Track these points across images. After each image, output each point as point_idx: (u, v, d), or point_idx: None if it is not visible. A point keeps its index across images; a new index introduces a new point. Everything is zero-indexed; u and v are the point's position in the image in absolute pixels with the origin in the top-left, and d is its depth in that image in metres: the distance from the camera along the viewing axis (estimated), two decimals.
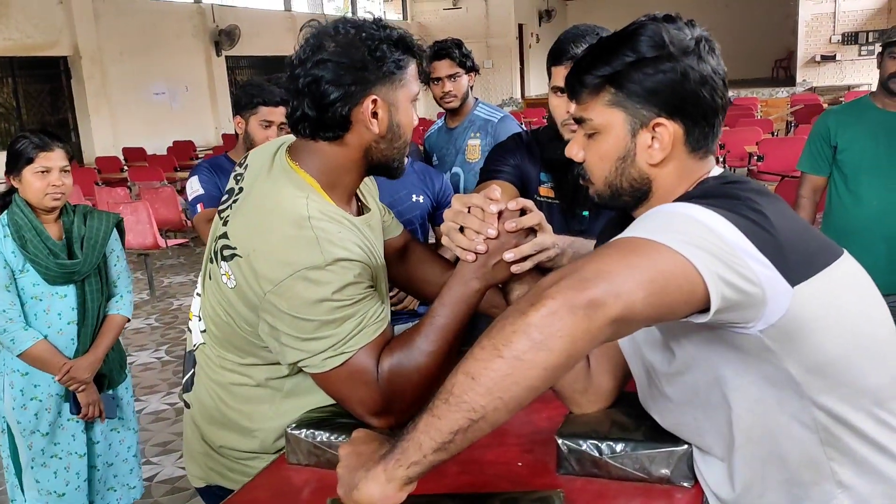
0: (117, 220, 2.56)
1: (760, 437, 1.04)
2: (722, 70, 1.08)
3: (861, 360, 1.01)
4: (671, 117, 1.06)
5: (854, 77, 16.81)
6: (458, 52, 2.95)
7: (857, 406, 1.01)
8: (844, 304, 1.00)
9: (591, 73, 1.08)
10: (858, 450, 1.02)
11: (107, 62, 12.37)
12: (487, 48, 19.73)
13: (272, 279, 1.25)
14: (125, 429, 2.63)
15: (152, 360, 5.06)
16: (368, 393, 1.27)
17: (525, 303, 0.85)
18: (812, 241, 1.01)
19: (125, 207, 6.26)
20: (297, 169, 1.36)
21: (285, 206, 1.29)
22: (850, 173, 2.84)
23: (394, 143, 1.38)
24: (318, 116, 1.31)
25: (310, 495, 1.28)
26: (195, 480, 1.62)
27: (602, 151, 1.11)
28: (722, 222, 0.91)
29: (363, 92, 1.31)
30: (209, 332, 1.46)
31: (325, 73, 1.29)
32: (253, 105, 2.62)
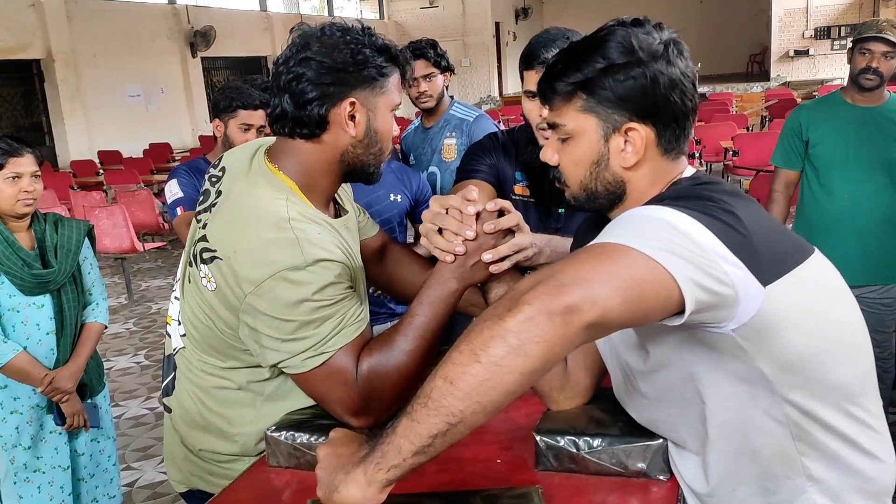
0: (88, 227, 2.55)
1: (733, 431, 1.06)
2: (691, 72, 1.09)
3: (831, 357, 1.03)
4: (643, 121, 1.07)
5: (827, 71, 17.00)
6: (433, 53, 2.96)
7: (828, 402, 1.03)
8: (815, 303, 1.01)
9: (563, 80, 1.09)
10: (829, 444, 1.04)
11: (81, 65, 12.23)
12: (464, 46, 19.74)
13: (253, 280, 1.25)
14: (104, 438, 2.61)
15: (131, 364, 5.02)
16: (347, 393, 1.28)
17: (502, 307, 0.86)
18: (784, 240, 1.03)
19: (101, 211, 6.20)
20: (276, 171, 1.37)
21: (265, 208, 1.30)
22: (821, 168, 2.89)
23: (370, 148, 1.39)
24: (296, 113, 1.33)
25: (290, 497, 1.28)
26: (177, 485, 1.62)
27: (576, 156, 1.12)
28: (694, 225, 0.92)
29: (342, 93, 1.33)
30: (189, 335, 1.46)
31: (306, 70, 1.31)
32: (232, 108, 2.61)
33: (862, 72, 2.78)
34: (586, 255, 0.90)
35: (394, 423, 0.93)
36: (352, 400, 1.28)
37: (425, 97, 2.97)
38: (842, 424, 1.05)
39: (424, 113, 3.08)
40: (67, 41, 11.94)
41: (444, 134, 3.00)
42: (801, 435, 1.04)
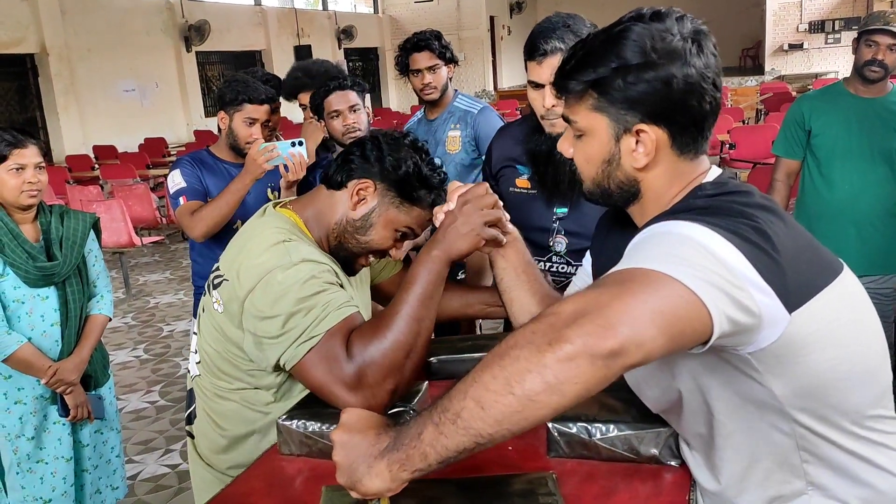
0: (94, 219, 2.54)
1: (740, 442, 1.06)
2: (713, 69, 1.04)
3: (847, 383, 1.00)
4: (655, 123, 1.04)
5: (821, 65, 17.03)
6: (437, 44, 2.95)
7: (837, 426, 1.01)
8: (838, 329, 0.98)
9: (575, 78, 1.07)
10: (835, 457, 1.03)
11: (75, 59, 12.16)
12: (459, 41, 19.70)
13: (249, 285, 1.38)
14: (109, 430, 2.61)
15: (130, 358, 5.02)
16: (341, 369, 1.31)
17: (542, 337, 0.83)
18: (813, 259, 0.99)
19: (98, 206, 6.19)
20: (287, 211, 1.52)
21: (267, 235, 1.44)
22: (823, 158, 2.89)
23: (357, 234, 1.50)
24: (338, 163, 1.52)
25: (303, 484, 1.29)
26: None
27: (588, 153, 1.11)
28: (728, 248, 0.90)
29: (366, 173, 1.48)
30: (203, 362, 1.57)
31: (365, 144, 1.51)
32: (238, 102, 2.60)
33: (867, 63, 2.77)
34: (631, 285, 0.86)
35: (418, 423, 0.92)
36: (346, 376, 1.31)
37: (429, 89, 2.96)
38: (851, 444, 1.03)
39: (428, 105, 3.08)
40: (61, 35, 11.87)
41: (448, 126, 3.00)
42: (807, 446, 1.03)
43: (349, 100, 2.63)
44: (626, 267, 0.90)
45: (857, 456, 1.03)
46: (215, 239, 2.53)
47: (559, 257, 2.00)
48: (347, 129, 2.62)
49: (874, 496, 1.05)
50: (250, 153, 2.46)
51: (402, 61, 3.00)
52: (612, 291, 0.85)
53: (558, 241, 2.00)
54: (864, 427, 1.03)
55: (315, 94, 2.70)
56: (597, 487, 1.19)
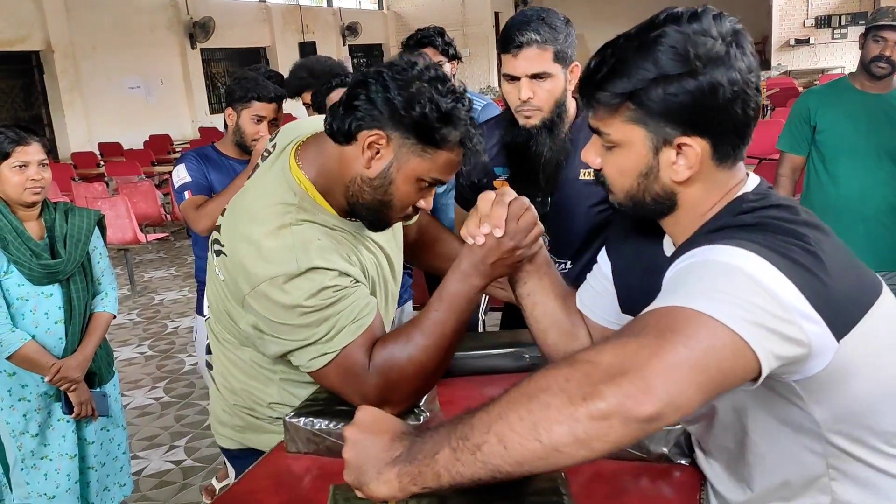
0: (99, 217, 2.54)
1: (770, 461, 1.04)
2: (756, 72, 0.98)
3: (885, 407, 0.98)
4: (698, 135, 0.96)
5: (828, 60, 16.95)
6: (441, 41, 2.93)
7: (869, 446, 0.99)
8: (882, 350, 0.95)
9: (607, 90, 0.98)
10: (862, 473, 1.01)
11: (79, 56, 12.16)
12: (464, 36, 19.65)
13: (250, 282, 1.28)
14: (114, 427, 2.60)
15: (135, 354, 5.02)
16: (361, 387, 1.28)
17: (576, 388, 0.78)
18: (858, 278, 0.95)
19: (103, 203, 6.19)
20: (296, 170, 1.36)
21: (269, 211, 1.30)
22: (828, 154, 2.86)
23: (376, 192, 1.31)
24: (340, 113, 1.29)
25: (310, 483, 1.28)
26: (222, 440, 1.65)
27: (622, 166, 1.03)
28: (777, 277, 0.85)
29: (376, 122, 1.26)
30: (212, 308, 1.51)
31: (370, 83, 1.26)
32: (247, 99, 2.61)
33: (874, 59, 2.75)
34: (672, 336, 0.79)
35: (434, 441, 0.89)
36: (367, 393, 1.28)
37: None
38: (881, 462, 1.01)
39: None
40: (66, 33, 11.88)
41: None
42: (837, 465, 1.00)
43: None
44: (667, 305, 0.84)
45: (885, 472, 1.01)
46: None
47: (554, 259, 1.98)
48: None
49: None
50: (257, 149, 2.47)
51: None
52: (653, 346, 0.79)
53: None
54: (894, 445, 1.01)
55: (318, 92, 2.70)
56: (606, 487, 1.18)
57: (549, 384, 0.81)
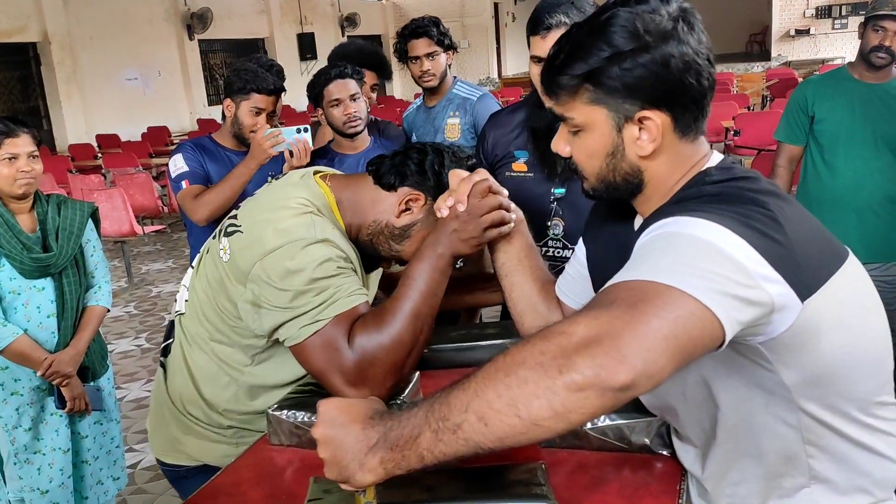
0: (92, 209, 2.53)
1: (743, 434, 1.04)
2: (706, 46, 1.02)
3: (855, 371, 0.99)
4: (657, 108, 1.00)
5: (828, 51, 16.90)
6: (436, 31, 2.92)
7: (843, 414, 1.01)
8: (848, 313, 0.98)
9: (566, 73, 1.02)
10: (839, 447, 1.02)
11: (77, 48, 12.14)
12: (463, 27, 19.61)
13: (265, 248, 1.34)
14: (108, 420, 2.60)
15: (132, 347, 5.03)
16: (342, 361, 1.31)
17: (551, 361, 0.80)
18: (823, 244, 0.98)
19: (100, 195, 6.19)
20: (323, 185, 1.47)
21: (294, 202, 1.40)
22: (826, 144, 2.85)
23: (392, 241, 1.47)
24: (390, 162, 1.46)
25: (293, 475, 1.28)
26: (160, 453, 1.66)
27: (589, 149, 1.07)
28: (738, 244, 0.87)
29: (417, 185, 1.44)
30: (191, 302, 1.53)
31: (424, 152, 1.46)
32: (246, 91, 2.60)
33: (874, 49, 2.72)
34: (644, 307, 0.81)
35: (412, 424, 0.89)
36: (347, 369, 1.31)
37: (428, 76, 2.94)
38: (856, 432, 1.02)
39: (427, 92, 3.05)
40: (63, 24, 11.85)
41: (447, 113, 2.98)
42: (812, 439, 1.01)
43: (349, 88, 2.62)
44: (636, 278, 0.86)
45: (861, 445, 1.03)
46: (217, 224, 2.53)
47: (556, 241, 1.99)
48: (348, 119, 2.62)
49: (870, 484, 1.05)
50: (255, 138, 2.47)
51: (401, 48, 2.98)
52: (625, 317, 0.81)
53: (555, 223, 1.99)
54: (868, 414, 1.03)
55: (314, 83, 2.69)
56: (587, 477, 1.18)
57: (524, 358, 0.82)
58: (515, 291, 1.35)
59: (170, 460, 1.63)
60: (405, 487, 1.06)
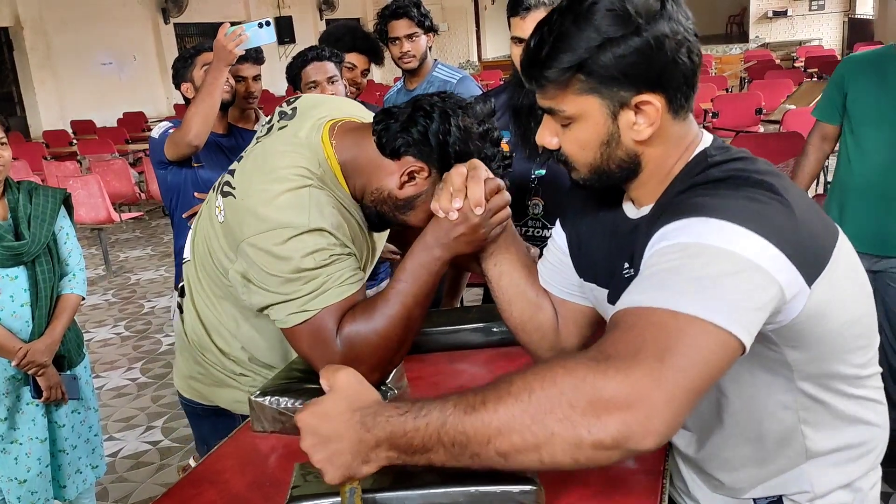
0: (65, 195, 2.48)
1: (745, 419, 1.06)
2: (691, 20, 0.98)
3: (853, 343, 1.01)
4: (653, 91, 0.96)
5: (805, 32, 16.97)
6: (416, 12, 2.89)
7: (837, 390, 1.03)
8: (846, 290, 0.98)
9: (554, 67, 0.96)
10: (832, 423, 1.05)
11: (50, 32, 11.93)
12: (442, 10, 19.46)
13: (254, 228, 1.29)
14: (86, 409, 2.57)
15: (111, 335, 4.98)
16: (328, 353, 1.29)
17: (580, 417, 0.79)
18: (820, 221, 0.97)
19: (75, 181, 6.09)
20: (328, 146, 1.37)
21: (291, 174, 1.31)
22: (856, 125, 2.67)
23: (397, 211, 1.37)
24: (396, 126, 1.33)
25: (276, 461, 1.27)
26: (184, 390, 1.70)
27: (582, 140, 1.02)
28: (755, 242, 0.86)
29: (422, 154, 1.32)
30: (195, 251, 1.52)
31: (434, 116, 1.30)
32: (192, 55, 2.66)
33: None
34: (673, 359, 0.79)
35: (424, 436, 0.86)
36: (332, 360, 1.28)
37: (408, 57, 2.91)
38: (848, 406, 1.05)
39: (407, 74, 3.03)
40: (35, 7, 11.63)
41: None
42: (808, 418, 1.03)
43: (327, 71, 2.59)
44: (660, 305, 0.83)
45: (852, 418, 1.05)
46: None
47: (536, 220, 1.98)
48: None
49: (861, 455, 1.08)
50: (218, 39, 2.44)
51: (381, 29, 2.95)
52: (655, 375, 0.78)
53: (535, 203, 1.99)
54: (859, 387, 1.05)
55: (292, 64, 2.66)
56: None
57: (552, 406, 0.80)
58: (504, 279, 1.32)
59: (187, 395, 1.68)
60: (389, 473, 1.05)
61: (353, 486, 0.97)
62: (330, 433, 0.91)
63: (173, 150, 2.56)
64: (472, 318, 1.65)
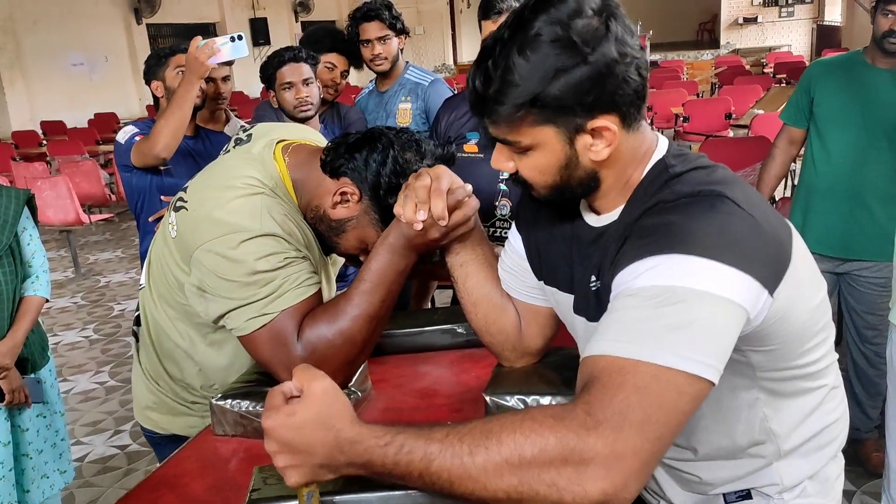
0: (28, 196, 2.43)
1: (714, 422, 1.08)
2: (634, 33, 0.96)
3: (813, 339, 1.03)
4: (608, 113, 0.95)
5: (775, 39, 17.19)
6: (388, 14, 2.89)
7: (796, 385, 1.06)
8: (805, 288, 1.00)
9: (504, 104, 0.94)
10: (797, 417, 1.08)
11: (20, 32, 11.77)
12: (418, 13, 19.47)
13: (208, 234, 1.29)
14: (52, 413, 2.53)
15: (80, 339, 4.91)
16: (290, 357, 1.27)
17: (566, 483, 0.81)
18: (778, 223, 0.98)
19: (44, 182, 6.01)
20: (281, 162, 1.40)
21: (244, 182, 1.33)
22: (822, 127, 2.70)
23: (330, 234, 1.40)
24: (337, 150, 1.37)
25: (237, 465, 1.26)
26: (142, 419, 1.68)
27: (541, 166, 1.01)
28: (729, 277, 0.87)
29: (353, 177, 1.35)
30: (151, 275, 1.51)
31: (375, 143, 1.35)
32: (165, 56, 2.63)
33: (885, 35, 2.54)
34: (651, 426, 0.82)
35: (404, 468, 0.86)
36: (294, 364, 1.26)
37: (379, 59, 2.91)
38: (811, 400, 1.07)
39: (379, 76, 3.03)
40: (5, 7, 11.46)
41: (398, 98, 2.96)
42: (772, 415, 1.06)
43: (302, 72, 2.60)
44: (638, 358, 0.85)
45: (817, 410, 1.09)
46: None
47: (504, 221, 2.00)
48: (300, 103, 2.60)
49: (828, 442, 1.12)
50: (190, 51, 2.41)
51: (352, 31, 2.95)
52: (637, 441, 0.82)
53: (503, 204, 2.00)
54: (819, 378, 1.08)
55: (267, 65, 2.66)
56: None
57: (539, 470, 0.82)
58: (470, 281, 1.31)
59: (146, 426, 1.67)
60: None
61: (312, 489, 0.97)
62: (300, 446, 0.89)
63: (139, 159, 2.53)
64: (437, 319, 1.65)
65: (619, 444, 0.81)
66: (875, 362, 2.77)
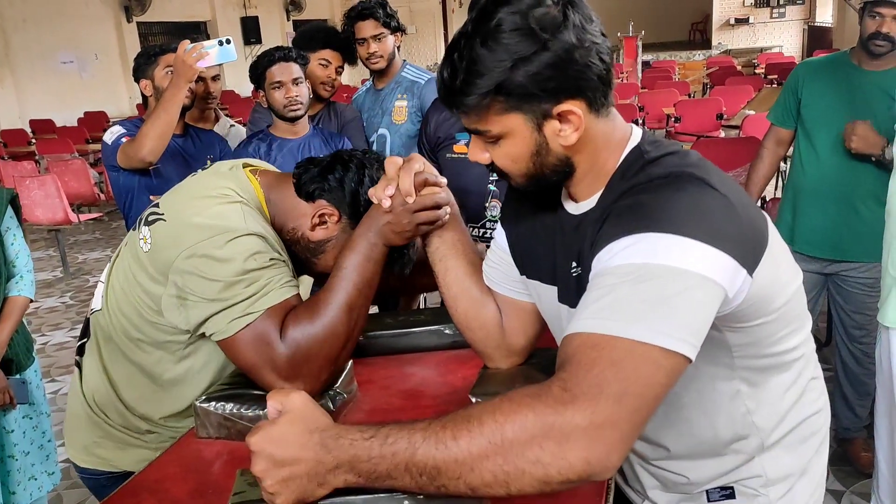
0: (11, 195, 2.41)
1: (697, 416, 1.09)
2: (596, 22, 0.99)
3: (790, 326, 1.05)
4: (572, 98, 0.98)
5: (766, 39, 17.27)
6: (382, 13, 2.88)
7: (771, 375, 1.07)
8: (779, 273, 1.01)
9: (471, 94, 0.97)
10: (777, 407, 1.09)
11: (9, 30, 11.71)
12: (410, 13, 19.47)
13: (194, 238, 1.28)
14: (38, 414, 2.51)
15: (68, 339, 4.88)
16: (275, 356, 1.27)
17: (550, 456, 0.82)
18: (752, 207, 0.99)
19: (32, 182, 5.98)
20: (253, 179, 1.42)
21: (221, 192, 1.35)
22: (810, 128, 2.71)
23: (307, 254, 1.43)
24: (314, 171, 1.41)
25: (221, 468, 1.25)
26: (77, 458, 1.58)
27: (513, 154, 1.03)
28: (706, 254, 0.88)
29: (329, 199, 1.39)
30: (108, 298, 1.46)
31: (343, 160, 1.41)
32: (154, 55, 2.61)
33: (871, 37, 2.55)
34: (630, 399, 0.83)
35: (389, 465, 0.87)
36: (280, 363, 1.27)
37: (375, 58, 2.91)
38: (790, 394, 1.08)
39: (375, 74, 3.03)
40: None
41: (395, 96, 2.96)
42: (754, 408, 1.07)
43: (292, 72, 2.59)
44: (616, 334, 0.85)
45: (798, 402, 1.10)
46: None
47: (494, 222, 1.99)
48: (290, 102, 2.59)
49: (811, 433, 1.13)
50: (178, 55, 2.39)
51: (347, 30, 2.94)
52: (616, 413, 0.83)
53: (493, 205, 1.99)
54: (797, 369, 1.09)
55: (256, 64, 2.64)
56: None
57: (522, 448, 0.83)
58: (449, 276, 1.33)
59: (86, 465, 1.56)
60: None
61: None
62: (285, 457, 0.91)
63: (125, 161, 2.51)
64: (424, 320, 1.64)
65: (597, 415, 0.82)
66: (864, 362, 2.78)
